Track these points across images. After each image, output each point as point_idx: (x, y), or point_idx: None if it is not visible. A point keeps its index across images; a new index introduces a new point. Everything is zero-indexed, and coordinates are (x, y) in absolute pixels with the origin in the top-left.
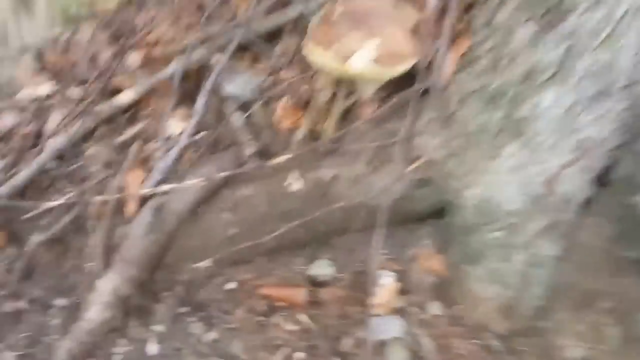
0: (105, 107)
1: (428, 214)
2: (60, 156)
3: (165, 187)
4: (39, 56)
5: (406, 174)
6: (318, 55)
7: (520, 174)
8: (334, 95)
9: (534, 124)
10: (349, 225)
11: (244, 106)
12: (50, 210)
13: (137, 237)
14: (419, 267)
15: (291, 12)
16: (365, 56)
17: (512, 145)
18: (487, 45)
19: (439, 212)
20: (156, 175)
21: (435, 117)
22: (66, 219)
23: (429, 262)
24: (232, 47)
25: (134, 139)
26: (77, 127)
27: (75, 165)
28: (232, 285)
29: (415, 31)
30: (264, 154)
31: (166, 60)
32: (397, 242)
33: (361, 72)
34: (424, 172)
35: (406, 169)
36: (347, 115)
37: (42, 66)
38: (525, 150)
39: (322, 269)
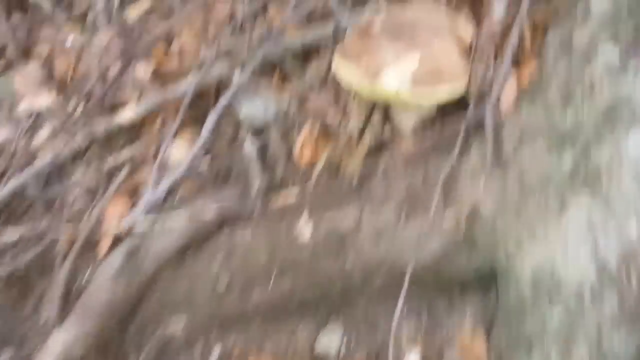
0: (100, 125)
1: (471, 282)
2: (43, 179)
3: (145, 223)
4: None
5: (445, 228)
6: (345, 69)
7: (591, 239)
8: (366, 124)
9: (613, 175)
10: (369, 288)
11: (261, 132)
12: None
13: (102, 284)
14: (455, 351)
15: (330, 27)
16: (401, 73)
17: (583, 201)
18: (559, 71)
19: (484, 282)
20: (140, 209)
21: (486, 159)
22: (30, 253)
23: (468, 344)
24: (253, 62)
25: (126, 163)
26: (64, 146)
27: (57, 190)
28: (215, 353)
29: (469, 48)
30: (276, 190)
31: (183, 75)
32: (430, 315)
33: (395, 92)
34: (467, 229)
35: (445, 223)
36: (379, 149)
37: (50, 76)
38: (599, 208)
39: (331, 341)
